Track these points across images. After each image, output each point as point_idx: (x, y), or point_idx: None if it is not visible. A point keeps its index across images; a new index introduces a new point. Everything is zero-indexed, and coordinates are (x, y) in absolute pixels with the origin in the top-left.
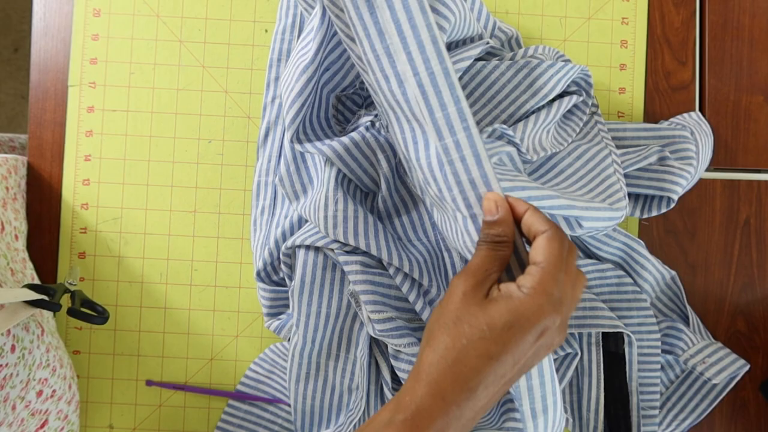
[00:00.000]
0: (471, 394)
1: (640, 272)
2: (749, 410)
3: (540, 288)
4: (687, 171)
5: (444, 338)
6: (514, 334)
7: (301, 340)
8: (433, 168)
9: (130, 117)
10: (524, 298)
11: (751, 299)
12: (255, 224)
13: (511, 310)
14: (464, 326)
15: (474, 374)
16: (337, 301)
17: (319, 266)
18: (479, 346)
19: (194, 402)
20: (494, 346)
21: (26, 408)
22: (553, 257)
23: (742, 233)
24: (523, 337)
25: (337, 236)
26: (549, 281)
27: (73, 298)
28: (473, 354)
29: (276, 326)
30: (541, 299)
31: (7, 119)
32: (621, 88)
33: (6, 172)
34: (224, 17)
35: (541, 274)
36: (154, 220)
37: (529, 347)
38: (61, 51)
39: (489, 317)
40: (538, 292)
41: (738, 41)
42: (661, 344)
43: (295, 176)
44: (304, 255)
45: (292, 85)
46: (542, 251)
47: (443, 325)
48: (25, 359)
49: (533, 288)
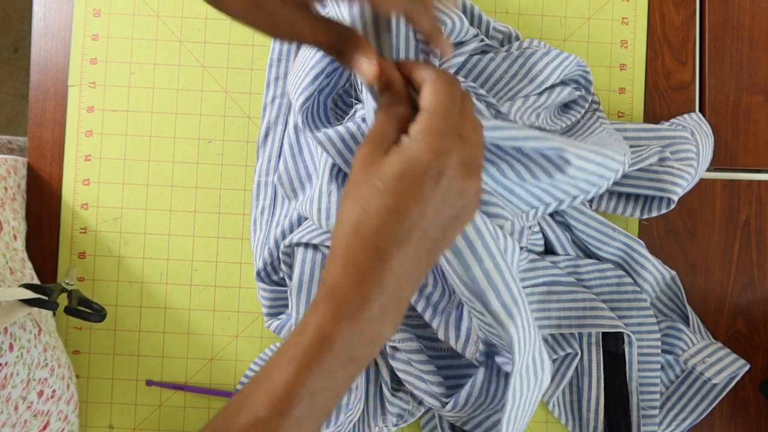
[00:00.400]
0: (384, 256)
1: (640, 272)
2: (749, 410)
3: (428, 130)
4: (687, 172)
5: (346, 207)
6: (407, 182)
7: None
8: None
9: (130, 117)
10: (412, 144)
11: (751, 299)
12: (255, 224)
13: (402, 159)
14: (362, 189)
15: (378, 234)
16: None
17: (318, 264)
18: (376, 203)
19: (194, 402)
20: (390, 199)
21: (28, 409)
22: (441, 98)
23: (742, 233)
24: (418, 183)
25: (330, 227)
26: (437, 121)
27: (70, 297)
28: (373, 212)
29: (276, 326)
30: (429, 139)
31: (7, 119)
32: (621, 88)
33: (5, 172)
34: (224, 17)
35: (428, 117)
36: (154, 220)
37: (429, 192)
38: (61, 51)
39: (381, 171)
40: (426, 134)
41: (738, 41)
42: (661, 344)
43: (293, 173)
44: (302, 254)
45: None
46: (428, 96)
47: (345, 195)
48: (24, 358)
49: (421, 131)
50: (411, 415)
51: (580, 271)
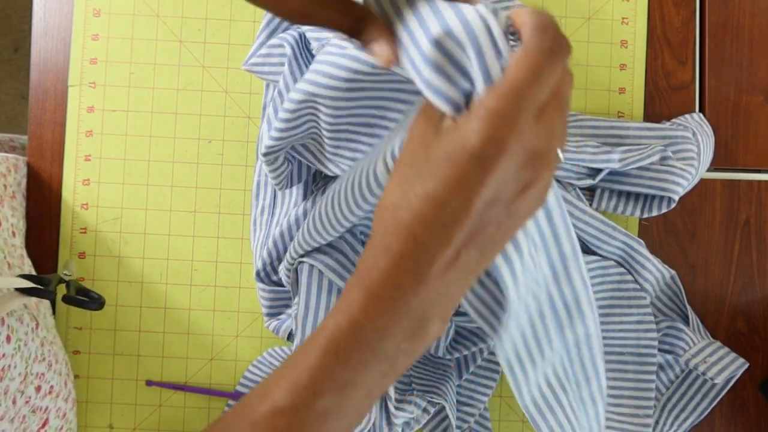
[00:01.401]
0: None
1: (640, 271)
2: (749, 410)
3: (489, 108)
4: (688, 171)
5: (390, 188)
6: (452, 167)
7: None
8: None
9: (130, 117)
10: (468, 122)
11: (751, 299)
12: (255, 224)
13: (451, 139)
14: (405, 169)
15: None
16: None
17: (324, 290)
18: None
19: (194, 402)
20: (431, 184)
21: (27, 404)
22: (521, 73)
23: (742, 233)
24: (463, 169)
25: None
26: (505, 101)
27: (68, 287)
28: (412, 197)
29: (275, 326)
30: (486, 120)
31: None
32: (621, 88)
33: (5, 170)
34: (224, 17)
35: (496, 93)
36: (154, 220)
37: (474, 182)
38: (61, 51)
39: (428, 151)
40: (485, 113)
41: (738, 41)
42: (658, 343)
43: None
44: (307, 279)
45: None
46: (512, 68)
47: (392, 173)
48: (22, 351)
49: (482, 108)
50: (417, 423)
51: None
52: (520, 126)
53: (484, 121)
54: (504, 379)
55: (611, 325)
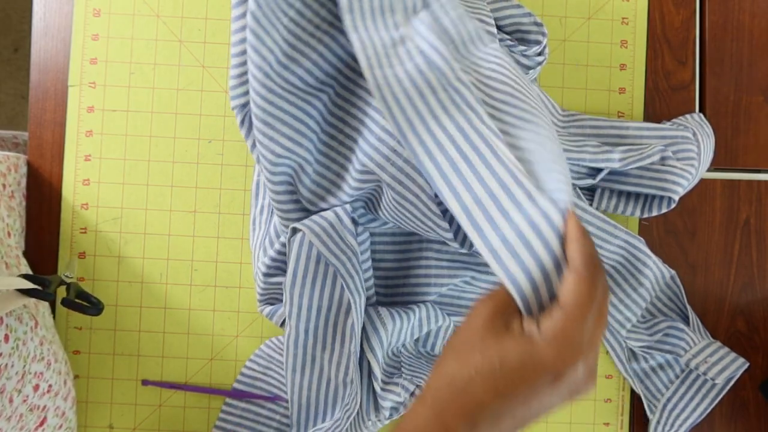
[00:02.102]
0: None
1: (641, 269)
2: (749, 410)
3: (561, 336)
4: (688, 171)
5: (453, 364)
6: (527, 376)
7: (294, 331)
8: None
9: (130, 117)
10: (542, 344)
11: (751, 299)
12: (254, 223)
13: (527, 352)
14: (476, 356)
15: (479, 408)
16: (329, 294)
17: (312, 259)
18: (488, 380)
19: (194, 402)
20: (503, 384)
21: (24, 402)
22: (581, 301)
23: (742, 233)
24: (536, 381)
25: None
26: (572, 328)
27: (69, 289)
28: (480, 387)
29: (268, 311)
30: (560, 348)
31: (7, 119)
32: (621, 88)
33: (5, 170)
34: (224, 17)
35: (564, 321)
36: (154, 220)
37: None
38: (61, 51)
39: (503, 352)
40: (558, 340)
41: (738, 41)
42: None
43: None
44: (297, 248)
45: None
46: (571, 293)
47: (455, 349)
48: (20, 350)
49: (554, 335)
50: (404, 407)
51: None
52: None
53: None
54: None
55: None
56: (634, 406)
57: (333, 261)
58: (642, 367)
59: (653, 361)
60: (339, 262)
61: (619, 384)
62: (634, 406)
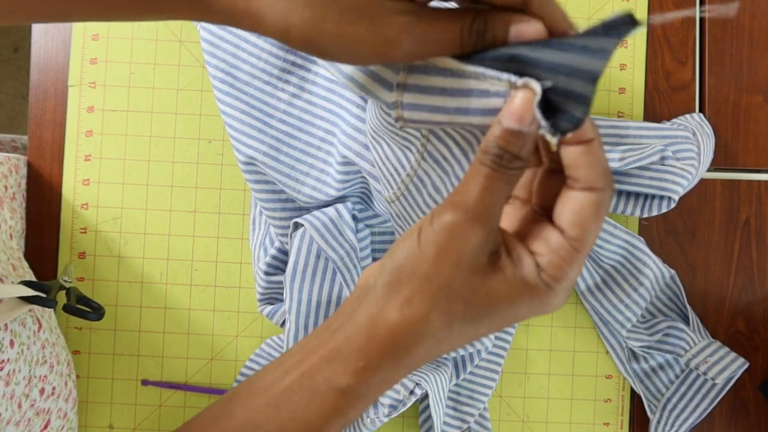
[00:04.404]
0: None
1: (641, 269)
2: (749, 410)
3: (570, 281)
4: (688, 171)
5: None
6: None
7: (294, 326)
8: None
9: (130, 117)
10: (544, 291)
11: (751, 299)
12: (254, 223)
13: (524, 302)
14: (459, 305)
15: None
16: (328, 289)
17: (313, 254)
18: (468, 331)
19: (194, 402)
20: (483, 330)
21: (32, 407)
22: (593, 235)
23: (742, 233)
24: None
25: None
26: (580, 267)
27: (69, 295)
28: (457, 337)
29: (269, 311)
30: (567, 292)
31: (7, 119)
32: (621, 88)
33: (7, 171)
34: None
35: (573, 261)
36: (154, 220)
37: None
38: (61, 51)
39: (493, 301)
40: (566, 289)
41: (738, 41)
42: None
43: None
44: (298, 242)
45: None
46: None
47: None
48: (25, 355)
49: (558, 281)
50: (403, 405)
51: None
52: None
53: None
54: (504, 379)
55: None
56: (634, 406)
57: (331, 254)
58: (642, 367)
59: (653, 361)
60: (337, 256)
61: (619, 384)
62: (634, 406)
